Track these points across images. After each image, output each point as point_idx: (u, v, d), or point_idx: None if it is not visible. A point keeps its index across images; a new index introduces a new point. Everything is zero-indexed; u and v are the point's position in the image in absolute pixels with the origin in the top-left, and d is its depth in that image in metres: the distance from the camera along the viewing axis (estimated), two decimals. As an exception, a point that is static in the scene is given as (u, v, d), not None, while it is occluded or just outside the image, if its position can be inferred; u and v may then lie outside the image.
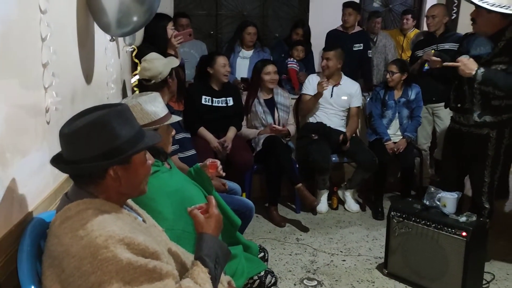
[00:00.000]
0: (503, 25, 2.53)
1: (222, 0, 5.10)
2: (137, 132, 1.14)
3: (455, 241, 2.37)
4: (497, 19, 2.51)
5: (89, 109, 1.14)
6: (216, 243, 1.23)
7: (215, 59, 3.37)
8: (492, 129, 2.63)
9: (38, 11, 1.30)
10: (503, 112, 2.61)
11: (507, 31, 2.54)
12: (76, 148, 1.08)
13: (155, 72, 2.42)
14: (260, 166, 3.48)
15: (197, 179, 2.02)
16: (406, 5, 5.58)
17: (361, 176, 3.62)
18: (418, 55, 3.86)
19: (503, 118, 2.62)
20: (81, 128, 1.07)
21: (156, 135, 1.22)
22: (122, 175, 1.12)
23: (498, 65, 2.55)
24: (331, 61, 3.64)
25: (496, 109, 2.60)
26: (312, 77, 3.78)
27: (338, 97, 3.73)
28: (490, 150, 2.65)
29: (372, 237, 3.25)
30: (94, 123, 1.07)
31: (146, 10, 1.76)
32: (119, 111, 1.13)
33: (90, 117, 1.09)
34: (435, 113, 3.87)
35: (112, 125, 1.09)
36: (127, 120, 1.13)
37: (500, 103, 2.59)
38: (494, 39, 2.58)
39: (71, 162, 1.09)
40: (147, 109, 1.74)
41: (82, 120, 1.08)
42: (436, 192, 2.54)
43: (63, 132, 1.09)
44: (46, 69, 1.34)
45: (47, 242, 1.08)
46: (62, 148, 1.12)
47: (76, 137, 1.07)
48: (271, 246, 3.06)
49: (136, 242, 1.03)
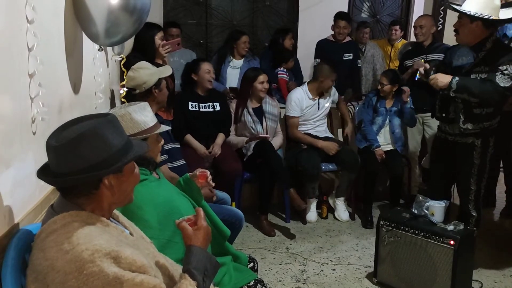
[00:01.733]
0: (484, 36, 2.59)
1: (212, 9, 5.12)
2: (126, 141, 1.15)
3: (443, 250, 2.39)
4: (479, 29, 2.56)
5: (75, 119, 1.13)
6: (205, 255, 1.22)
7: (199, 65, 3.38)
8: (477, 138, 2.68)
9: (25, 21, 1.29)
10: (484, 120, 2.65)
11: (488, 42, 2.60)
12: (68, 159, 1.06)
13: (139, 82, 2.42)
14: (251, 174, 3.47)
15: (186, 189, 2.01)
16: (394, 16, 5.66)
17: (347, 179, 3.64)
18: (407, 64, 3.91)
19: (485, 125, 2.66)
20: (73, 139, 1.05)
21: (143, 144, 1.23)
22: (115, 184, 1.12)
23: (478, 74, 2.61)
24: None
25: (477, 117, 2.65)
26: (296, 96, 3.65)
27: (323, 106, 3.75)
28: (475, 159, 2.69)
29: (362, 246, 3.26)
30: (86, 134, 1.06)
31: (135, 20, 1.76)
32: (109, 120, 1.12)
33: (80, 128, 1.07)
34: (425, 123, 3.91)
35: (105, 135, 1.08)
36: (117, 129, 1.13)
37: (481, 111, 2.65)
38: (475, 49, 2.64)
39: (61, 174, 1.07)
40: (136, 118, 1.73)
41: (70, 131, 1.07)
42: (424, 201, 2.56)
43: (51, 144, 1.07)
44: (33, 79, 1.32)
45: (32, 255, 1.05)
46: (51, 160, 1.10)
47: (67, 149, 1.06)
48: (261, 255, 3.05)
49: (123, 255, 1.01)
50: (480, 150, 2.67)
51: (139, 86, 2.43)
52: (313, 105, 3.70)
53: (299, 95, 3.67)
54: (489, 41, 2.59)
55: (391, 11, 5.68)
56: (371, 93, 3.92)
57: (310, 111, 3.70)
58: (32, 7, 1.31)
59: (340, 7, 4.91)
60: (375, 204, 3.85)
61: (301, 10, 5.23)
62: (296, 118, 3.67)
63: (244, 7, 5.21)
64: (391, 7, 5.68)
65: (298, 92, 3.70)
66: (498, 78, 2.50)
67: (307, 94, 3.67)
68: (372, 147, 3.67)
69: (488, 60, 2.58)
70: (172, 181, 2.27)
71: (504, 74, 2.49)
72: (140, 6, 1.75)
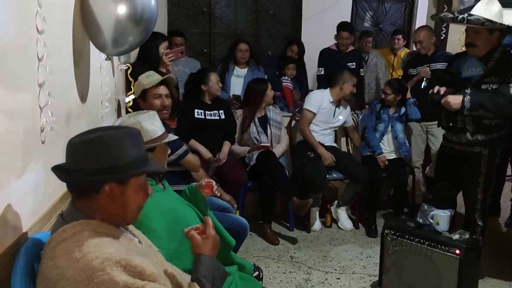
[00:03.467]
0: (496, 45, 2.59)
1: (216, 18, 5.16)
2: (142, 156, 1.16)
3: (448, 259, 2.38)
4: (496, 39, 2.56)
5: (104, 127, 1.18)
6: (213, 264, 1.22)
7: (209, 76, 3.39)
8: (484, 148, 2.67)
9: (35, 31, 1.31)
10: (494, 131, 2.65)
11: (496, 52, 2.60)
12: (79, 158, 1.09)
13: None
14: (254, 183, 3.48)
15: (191, 199, 2.01)
16: (396, 25, 5.69)
17: (352, 190, 3.63)
18: (411, 73, 3.92)
19: (494, 136, 2.66)
20: (90, 140, 1.09)
21: (160, 166, 1.23)
22: (117, 194, 1.11)
23: (489, 85, 2.60)
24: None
25: (487, 128, 2.64)
26: (319, 93, 3.77)
27: (337, 117, 3.78)
28: (483, 168, 2.69)
29: (366, 255, 3.25)
30: (104, 138, 1.09)
31: (143, 30, 1.78)
32: (131, 133, 1.15)
33: (102, 133, 1.11)
34: (429, 131, 3.91)
35: (121, 144, 1.10)
36: (135, 143, 1.15)
37: (491, 122, 2.64)
38: (484, 59, 2.62)
39: (71, 170, 1.10)
40: (146, 127, 1.75)
41: (94, 134, 1.11)
42: (429, 209, 2.56)
43: (72, 141, 1.11)
44: (42, 89, 1.34)
45: (41, 264, 1.06)
46: (66, 156, 1.13)
47: (82, 148, 1.09)
48: (265, 264, 3.04)
49: (133, 264, 1.02)
50: (487, 160, 2.67)
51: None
52: (330, 109, 3.71)
53: (321, 94, 3.76)
54: (498, 51, 2.59)
55: (393, 20, 5.71)
56: (375, 100, 3.94)
57: (325, 115, 3.71)
58: (43, 18, 1.32)
59: (343, 16, 4.95)
60: (379, 212, 3.84)
61: (304, 19, 5.26)
62: (311, 113, 3.69)
63: (248, 16, 5.24)
64: (393, 16, 5.71)
65: (320, 92, 3.81)
66: (511, 90, 2.49)
67: (329, 97, 3.72)
68: (375, 154, 3.67)
69: (498, 70, 2.57)
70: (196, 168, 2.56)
71: None
72: (147, 16, 1.77)
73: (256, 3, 5.21)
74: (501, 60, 2.58)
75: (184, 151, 2.47)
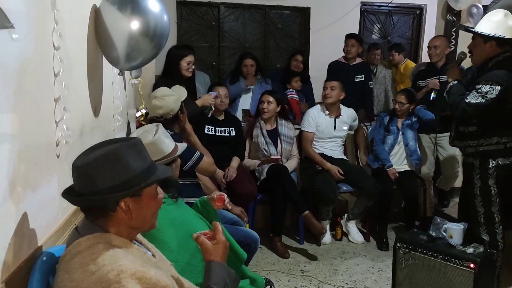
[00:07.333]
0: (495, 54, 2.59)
1: (225, 32, 5.21)
2: (149, 165, 1.15)
3: (463, 273, 2.34)
4: (492, 48, 2.57)
5: (102, 142, 1.15)
6: (224, 270, 1.22)
7: (218, 91, 3.42)
8: (475, 158, 2.69)
9: (52, 48, 1.33)
10: (468, 138, 2.68)
11: (491, 62, 2.60)
12: (88, 180, 1.09)
13: (167, 110, 2.43)
14: (264, 196, 3.47)
15: (203, 212, 2.02)
16: (404, 37, 5.69)
17: (364, 204, 3.60)
18: (420, 85, 3.92)
19: (470, 144, 2.67)
20: (94, 160, 1.08)
21: (167, 169, 1.23)
22: (133, 208, 1.12)
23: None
24: (335, 90, 3.67)
25: (461, 135, 2.72)
26: (313, 111, 3.77)
27: (340, 128, 3.77)
28: (476, 179, 2.68)
29: (378, 269, 3.21)
30: (107, 156, 1.08)
31: (155, 45, 1.80)
32: (133, 144, 1.14)
33: (103, 150, 1.10)
34: (438, 143, 3.89)
35: (125, 158, 1.10)
36: (139, 153, 1.14)
37: (464, 129, 2.69)
38: (479, 68, 2.68)
39: (82, 194, 1.09)
40: (162, 147, 1.77)
41: (95, 153, 1.10)
42: (442, 222, 2.52)
43: (76, 165, 1.10)
44: (58, 104, 1.36)
45: (57, 277, 1.06)
46: (74, 181, 1.12)
47: (88, 170, 1.08)
48: (276, 278, 3.01)
49: (147, 276, 1.02)
50: (479, 172, 2.66)
51: (167, 114, 2.44)
52: (329, 122, 3.72)
53: (316, 111, 3.78)
54: (492, 61, 2.59)
55: (401, 32, 5.72)
56: (383, 113, 3.93)
57: (326, 129, 3.72)
58: (59, 34, 1.35)
59: (351, 28, 4.97)
60: (390, 225, 3.80)
61: (313, 32, 5.30)
62: (310, 133, 3.72)
63: (256, 30, 5.29)
64: (401, 29, 5.72)
65: (314, 109, 3.82)
66: (471, 94, 2.55)
67: (324, 111, 3.73)
68: (385, 167, 3.65)
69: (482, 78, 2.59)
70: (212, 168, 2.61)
71: (477, 92, 2.53)
72: (159, 31, 1.79)
73: (264, 17, 5.26)
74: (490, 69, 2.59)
75: (199, 156, 2.47)
